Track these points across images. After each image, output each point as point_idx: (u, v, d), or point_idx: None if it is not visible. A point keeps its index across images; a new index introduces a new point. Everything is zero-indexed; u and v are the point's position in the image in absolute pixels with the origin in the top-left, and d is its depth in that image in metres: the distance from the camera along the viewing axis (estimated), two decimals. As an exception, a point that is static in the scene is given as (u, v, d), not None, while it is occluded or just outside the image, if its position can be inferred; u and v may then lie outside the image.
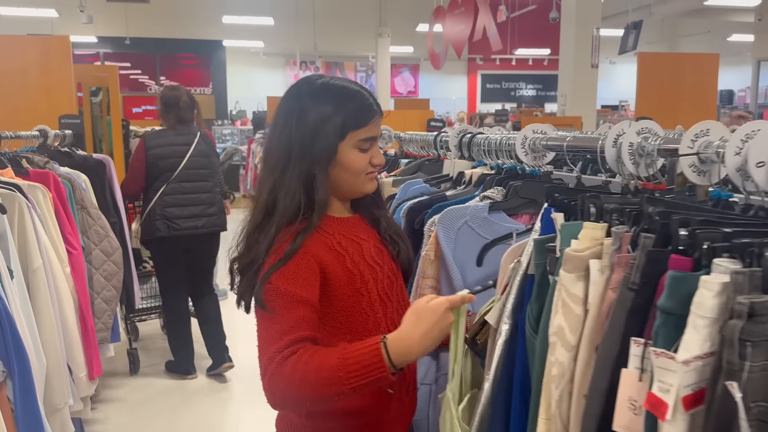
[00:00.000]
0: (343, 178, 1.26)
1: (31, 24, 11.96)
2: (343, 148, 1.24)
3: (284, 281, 1.17)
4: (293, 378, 1.10)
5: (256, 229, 1.24)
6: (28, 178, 2.48)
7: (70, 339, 2.35)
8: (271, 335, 1.15)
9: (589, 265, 0.99)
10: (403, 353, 1.12)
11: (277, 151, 1.25)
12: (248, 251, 1.24)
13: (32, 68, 4.04)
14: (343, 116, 1.22)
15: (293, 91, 1.28)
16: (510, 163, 1.76)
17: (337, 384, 1.09)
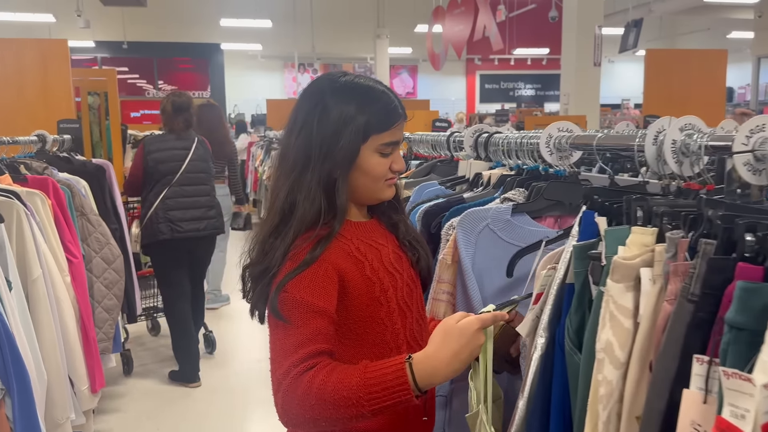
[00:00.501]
0: (362, 183, 1.19)
1: (28, 29, 11.88)
2: (364, 151, 1.17)
3: (301, 290, 1.10)
4: (309, 396, 1.02)
5: (272, 233, 1.16)
6: (27, 185, 2.39)
7: (71, 351, 2.26)
8: (285, 348, 1.07)
9: (640, 274, 0.91)
10: (430, 375, 1.05)
11: (295, 152, 1.17)
12: (263, 258, 1.16)
13: (30, 72, 3.96)
14: (367, 117, 1.15)
15: (314, 89, 1.20)
16: (531, 164, 1.67)
17: (356, 405, 1.02)
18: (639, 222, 0.99)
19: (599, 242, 1.03)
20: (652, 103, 5.59)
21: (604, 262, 0.98)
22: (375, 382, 1.03)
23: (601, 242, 1.01)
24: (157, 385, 3.76)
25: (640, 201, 1.00)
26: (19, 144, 2.94)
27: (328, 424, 1.05)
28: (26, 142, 3.01)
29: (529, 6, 12.33)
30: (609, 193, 1.10)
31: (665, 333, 0.86)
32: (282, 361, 1.06)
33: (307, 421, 1.05)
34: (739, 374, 0.72)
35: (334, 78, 1.20)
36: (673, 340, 0.85)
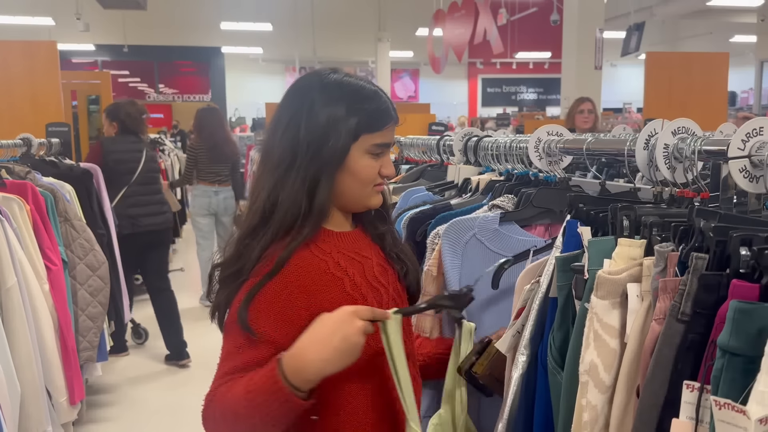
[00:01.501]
0: (350, 186, 1.11)
1: (27, 32, 11.86)
2: (354, 151, 1.10)
3: (259, 315, 1.03)
4: (212, 414, 1.03)
5: (249, 234, 1.09)
6: (5, 190, 2.32)
7: (48, 361, 2.19)
8: (223, 361, 1.06)
9: (627, 289, 0.84)
10: (299, 369, 0.97)
11: (280, 150, 1.10)
12: (236, 259, 1.09)
13: (17, 74, 3.90)
14: (359, 116, 1.09)
15: (302, 85, 1.14)
16: (521, 169, 1.60)
17: (244, 418, 0.98)
18: (625, 233, 0.91)
19: (583, 254, 0.95)
20: (653, 107, 5.51)
21: (587, 276, 0.91)
22: (255, 388, 0.98)
23: (585, 254, 0.94)
24: (146, 393, 3.69)
25: (627, 210, 0.92)
26: (2, 148, 2.87)
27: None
28: (9, 146, 2.94)
29: (530, 9, 12.26)
30: (596, 201, 1.03)
31: (653, 355, 0.78)
32: (217, 375, 1.05)
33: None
34: (732, 405, 0.65)
35: (324, 75, 1.13)
36: (661, 363, 0.77)
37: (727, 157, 0.90)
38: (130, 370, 3.98)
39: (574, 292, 0.95)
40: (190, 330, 4.69)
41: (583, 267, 0.93)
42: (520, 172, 1.60)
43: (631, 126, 7.53)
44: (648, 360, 0.79)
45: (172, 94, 15.72)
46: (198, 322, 4.72)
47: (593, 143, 1.29)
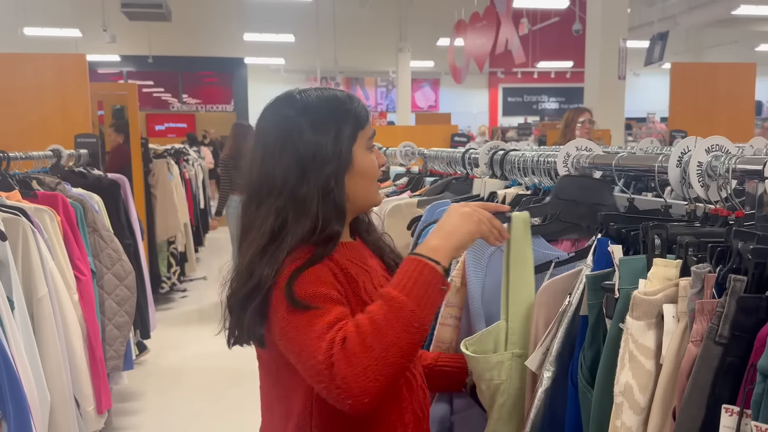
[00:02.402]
0: (360, 186, 1.16)
1: (55, 44, 12.10)
2: (356, 150, 1.15)
3: (312, 284, 1.03)
4: (366, 337, 0.95)
5: (260, 253, 1.07)
6: (36, 201, 2.37)
7: (77, 371, 2.22)
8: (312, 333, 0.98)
9: (663, 310, 0.83)
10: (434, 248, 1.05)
11: (283, 171, 1.10)
12: (248, 278, 1.06)
13: (48, 86, 3.98)
14: (350, 118, 1.15)
15: (283, 108, 1.16)
16: (548, 183, 1.59)
17: (402, 308, 0.97)
18: (657, 251, 0.90)
19: (614, 273, 0.95)
20: (678, 118, 5.45)
21: (618, 295, 0.90)
22: (398, 280, 1.01)
23: (616, 272, 0.93)
24: (171, 401, 3.72)
25: (659, 229, 0.92)
26: (33, 159, 2.93)
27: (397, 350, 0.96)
28: (40, 157, 3.01)
29: (552, 19, 12.23)
30: (627, 220, 1.02)
31: (690, 378, 0.78)
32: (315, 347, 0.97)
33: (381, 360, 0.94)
34: (774, 432, 0.64)
35: (295, 95, 1.17)
36: (698, 386, 0.76)
37: (763, 176, 0.89)
38: (155, 377, 4.01)
39: (605, 311, 0.95)
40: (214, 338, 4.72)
41: (614, 286, 0.93)
42: (547, 187, 1.59)
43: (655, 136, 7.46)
44: (685, 382, 0.79)
45: (195, 104, 15.90)
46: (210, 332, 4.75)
47: (623, 159, 1.28)
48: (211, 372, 4.12)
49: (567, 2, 11.32)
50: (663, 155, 1.12)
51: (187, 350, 4.51)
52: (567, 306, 1.01)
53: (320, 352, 0.96)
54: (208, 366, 4.19)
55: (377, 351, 0.94)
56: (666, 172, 1.11)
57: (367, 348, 0.94)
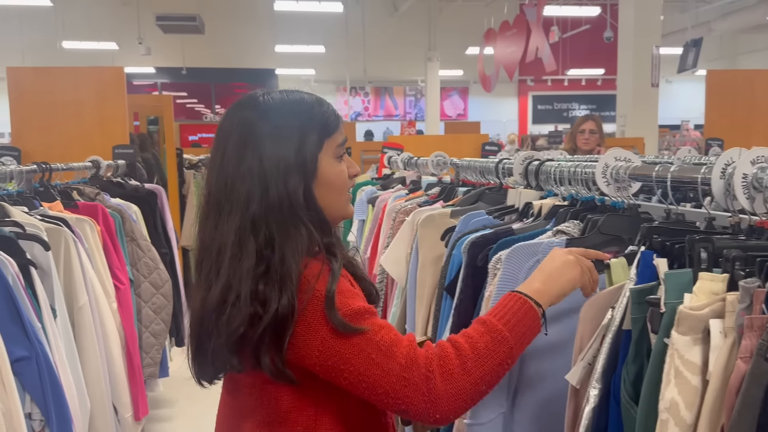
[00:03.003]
0: (328, 198, 1.08)
1: (92, 56, 12.41)
2: (323, 159, 1.07)
3: (348, 300, 1.00)
4: (467, 361, 0.98)
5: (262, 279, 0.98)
6: (77, 211, 2.43)
7: (115, 378, 2.26)
8: (385, 356, 0.96)
9: (709, 325, 0.82)
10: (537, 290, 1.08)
11: (242, 182, 1.02)
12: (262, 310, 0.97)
13: (87, 99, 4.08)
14: (316, 125, 1.07)
15: (245, 113, 1.07)
16: (586, 193, 1.58)
17: (504, 343, 1.00)
18: (703, 265, 0.89)
19: (658, 286, 0.93)
20: (715, 126, 5.34)
21: (663, 309, 0.89)
22: (502, 313, 1.03)
23: (661, 286, 0.92)
24: (206, 409, 3.75)
25: (705, 242, 0.90)
26: (74, 170, 3.01)
27: (493, 379, 1.00)
28: (80, 168, 3.08)
29: (582, 27, 12.14)
30: (671, 232, 1.00)
31: (740, 395, 0.76)
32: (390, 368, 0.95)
33: (477, 386, 0.98)
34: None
35: (259, 97, 1.09)
36: (748, 404, 0.75)
37: (813, 188, 0.87)
38: (188, 385, 4.06)
39: (650, 326, 0.93)
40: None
41: (658, 300, 0.92)
42: (585, 197, 1.58)
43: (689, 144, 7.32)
44: (733, 399, 0.77)
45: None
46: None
47: (664, 171, 1.27)
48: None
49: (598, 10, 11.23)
50: (705, 166, 1.10)
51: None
52: (610, 320, 1.00)
53: (415, 366, 0.96)
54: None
55: (474, 377, 0.97)
56: (707, 184, 1.09)
57: (466, 372, 0.97)
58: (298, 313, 0.97)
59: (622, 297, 0.99)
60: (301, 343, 0.98)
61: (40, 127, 4.01)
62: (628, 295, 0.98)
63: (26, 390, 1.50)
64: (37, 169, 2.57)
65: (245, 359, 1.01)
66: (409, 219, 2.35)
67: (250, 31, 13.99)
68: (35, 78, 4.12)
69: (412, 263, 2.20)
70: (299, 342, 0.98)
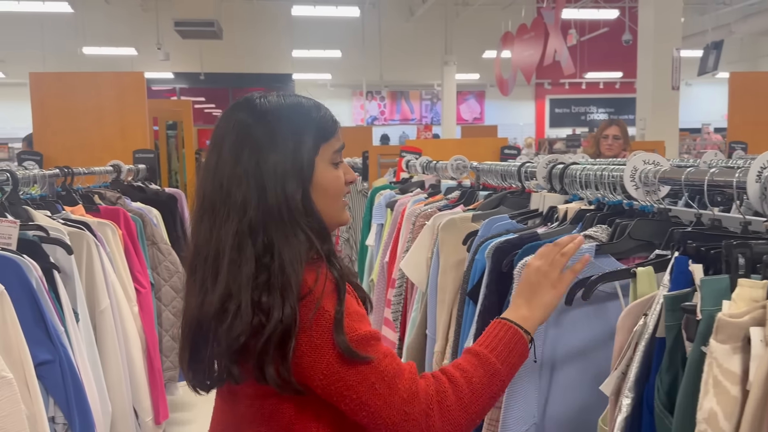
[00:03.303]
0: (324, 204, 1.07)
1: (112, 62, 12.56)
2: (319, 165, 1.06)
3: (356, 324, 0.99)
4: (464, 397, 1.01)
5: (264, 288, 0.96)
6: (99, 215, 2.45)
7: (136, 382, 2.27)
8: (387, 387, 0.97)
9: (750, 333, 0.79)
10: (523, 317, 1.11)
11: (238, 186, 1.01)
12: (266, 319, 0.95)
13: (108, 104, 4.12)
14: (312, 129, 1.06)
15: (242, 115, 1.06)
16: (613, 197, 1.55)
17: (496, 375, 1.04)
18: (741, 271, 0.86)
19: (694, 293, 0.91)
20: (737, 129, 5.27)
21: (700, 316, 0.86)
22: (494, 344, 1.05)
23: (696, 293, 0.90)
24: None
25: (743, 247, 0.87)
26: (95, 174, 3.03)
27: (486, 411, 1.05)
28: (101, 172, 3.11)
29: (601, 30, 12.05)
30: (705, 237, 0.98)
31: (783, 406, 0.73)
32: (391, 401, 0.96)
33: (473, 421, 1.02)
34: None
35: (257, 100, 1.08)
36: (793, 415, 0.72)
37: None
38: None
39: (685, 333, 0.91)
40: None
41: (694, 307, 0.89)
42: (612, 201, 1.55)
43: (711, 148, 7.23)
44: (776, 410, 0.75)
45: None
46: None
47: (693, 174, 1.24)
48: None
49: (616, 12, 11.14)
50: (740, 170, 1.07)
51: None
52: (643, 327, 0.97)
53: (416, 401, 0.97)
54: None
55: (470, 412, 1.00)
56: (741, 188, 1.07)
57: (464, 407, 0.99)
58: (305, 331, 0.96)
59: (656, 304, 0.97)
60: (307, 363, 0.97)
61: (62, 131, 4.06)
62: (661, 302, 0.95)
63: (50, 393, 1.50)
64: (60, 173, 2.59)
65: (246, 370, 1.00)
66: (430, 223, 2.33)
67: (267, 37, 14.08)
68: (57, 83, 4.17)
69: (432, 267, 2.19)
70: (305, 362, 0.97)
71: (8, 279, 1.41)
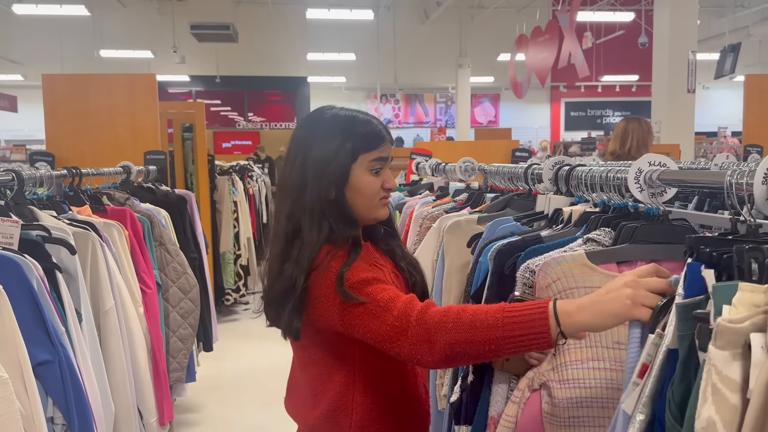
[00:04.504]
0: (358, 202, 1.29)
1: (129, 64, 12.68)
2: (355, 170, 1.27)
3: (358, 272, 1.19)
4: (445, 322, 1.09)
5: (282, 259, 1.24)
6: (105, 216, 2.45)
7: (141, 382, 2.27)
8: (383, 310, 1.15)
9: (750, 339, 0.76)
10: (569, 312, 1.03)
11: (292, 178, 1.27)
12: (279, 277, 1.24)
13: (120, 106, 4.15)
14: (354, 140, 1.26)
15: (305, 122, 1.34)
16: (618, 200, 1.52)
17: (492, 327, 1.06)
18: (754, 277, 0.83)
19: (707, 300, 0.87)
20: (753, 132, 5.18)
21: (713, 325, 0.83)
22: (515, 311, 1.06)
23: (710, 300, 0.86)
24: (232, 413, 3.76)
25: (755, 252, 0.84)
26: (104, 175, 3.04)
27: (466, 351, 1.08)
28: (110, 173, 3.12)
29: (617, 32, 11.96)
30: (717, 242, 0.94)
31: (783, 415, 0.70)
32: (386, 319, 1.14)
33: (449, 346, 1.08)
34: None
35: (323, 111, 1.33)
36: (793, 425, 0.69)
37: None
38: (215, 390, 4.08)
39: (698, 343, 0.87)
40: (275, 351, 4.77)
41: (707, 315, 0.85)
42: (618, 204, 1.52)
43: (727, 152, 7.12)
44: (777, 419, 0.71)
45: (260, 122, 16.30)
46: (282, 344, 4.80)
47: (698, 176, 1.21)
48: (270, 385, 4.16)
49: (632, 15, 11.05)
50: (749, 172, 1.04)
51: (248, 363, 4.56)
52: (660, 341, 0.94)
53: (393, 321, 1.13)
54: (268, 378, 4.23)
55: (449, 337, 1.07)
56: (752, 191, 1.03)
57: (444, 328, 1.08)
58: (319, 288, 1.19)
59: (672, 315, 0.93)
60: (325, 309, 1.19)
61: (75, 133, 4.09)
62: (675, 311, 0.92)
63: (48, 394, 1.50)
64: (67, 173, 2.60)
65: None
66: (436, 225, 2.31)
67: (282, 40, 14.14)
68: (69, 85, 4.21)
69: (438, 270, 2.16)
70: (324, 310, 1.19)
71: (7, 279, 1.41)
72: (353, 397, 1.27)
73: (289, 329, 1.24)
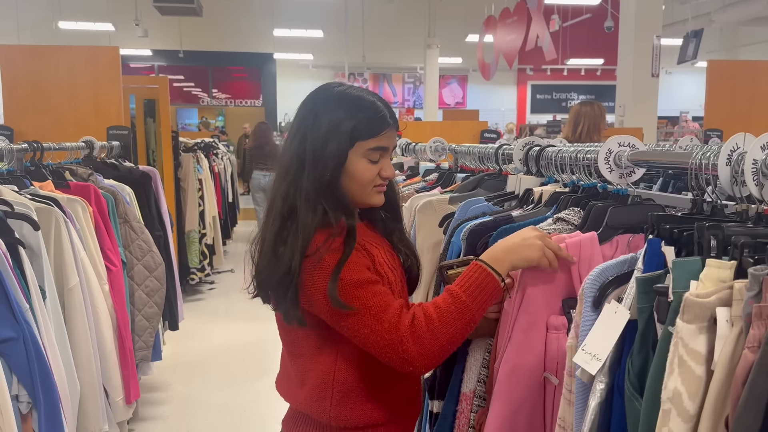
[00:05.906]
0: (351, 187, 1.26)
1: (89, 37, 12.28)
2: (352, 156, 1.24)
3: (352, 273, 1.17)
4: (433, 328, 1.14)
5: (277, 241, 1.21)
6: (69, 191, 2.39)
7: (106, 361, 2.24)
8: (374, 319, 1.16)
9: (716, 313, 0.79)
10: (495, 258, 1.19)
11: (290, 156, 1.24)
12: (276, 264, 1.20)
13: (81, 79, 4.02)
14: (354, 124, 1.22)
15: (310, 98, 1.28)
16: (587, 180, 1.55)
17: (466, 309, 1.16)
18: (713, 253, 0.86)
19: (666, 275, 0.91)
20: (714, 117, 5.31)
21: (672, 298, 0.86)
22: (465, 283, 1.17)
23: (669, 275, 0.89)
24: (198, 392, 3.74)
25: (715, 229, 0.87)
26: (66, 150, 2.96)
27: (457, 340, 1.17)
28: (73, 148, 3.04)
29: (583, 16, 12.06)
30: (680, 220, 0.97)
31: (746, 385, 0.73)
32: (376, 329, 1.15)
33: (444, 347, 1.15)
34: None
35: (330, 88, 1.27)
36: (755, 395, 0.72)
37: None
38: (182, 368, 4.05)
39: (656, 316, 0.91)
40: (241, 330, 4.76)
41: (666, 288, 0.89)
42: (587, 184, 1.55)
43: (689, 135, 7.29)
44: (739, 390, 0.74)
45: (225, 99, 16.02)
46: (248, 323, 4.79)
47: (666, 157, 1.24)
48: (237, 363, 4.15)
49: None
50: (714, 153, 1.07)
51: (214, 342, 4.54)
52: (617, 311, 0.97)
53: (395, 330, 1.14)
54: (234, 357, 4.22)
55: (442, 339, 1.14)
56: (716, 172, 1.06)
57: (434, 336, 1.13)
58: (310, 277, 1.17)
59: (629, 288, 0.96)
60: (315, 301, 1.19)
61: (34, 107, 3.96)
62: (634, 284, 0.95)
63: (13, 371, 1.47)
64: (28, 147, 2.52)
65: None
66: (407, 205, 2.31)
67: (248, 15, 13.86)
68: (29, 57, 4.06)
69: (408, 249, 2.17)
70: (314, 300, 1.18)
71: (-31, 254, 1.36)
72: (335, 376, 1.27)
73: (290, 318, 1.23)
